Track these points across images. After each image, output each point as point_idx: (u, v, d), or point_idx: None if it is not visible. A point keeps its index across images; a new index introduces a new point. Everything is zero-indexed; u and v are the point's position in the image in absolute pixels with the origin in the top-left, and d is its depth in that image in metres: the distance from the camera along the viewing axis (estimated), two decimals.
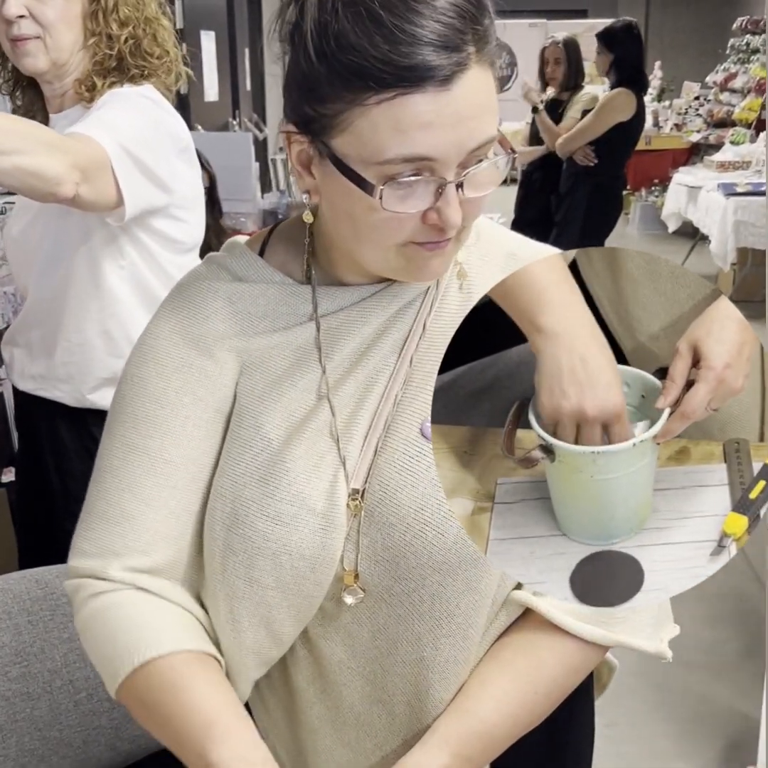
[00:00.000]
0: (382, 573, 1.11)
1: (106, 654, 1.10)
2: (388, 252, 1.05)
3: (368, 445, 1.11)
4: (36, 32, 1.87)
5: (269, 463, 1.10)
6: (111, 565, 1.12)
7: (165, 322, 1.18)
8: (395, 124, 0.96)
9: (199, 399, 1.14)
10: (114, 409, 1.19)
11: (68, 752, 1.51)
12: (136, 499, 1.13)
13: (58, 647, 1.52)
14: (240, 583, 1.10)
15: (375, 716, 1.18)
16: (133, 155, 1.77)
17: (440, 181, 0.99)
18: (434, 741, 1.10)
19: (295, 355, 1.14)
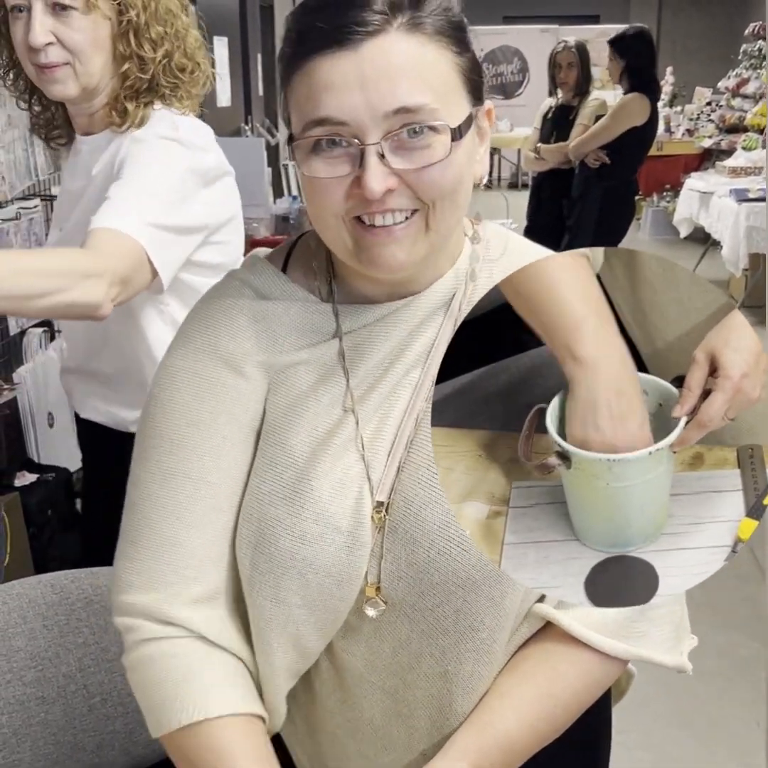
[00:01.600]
0: (405, 589, 1.10)
1: (156, 702, 1.10)
2: (339, 232, 1.05)
3: (392, 460, 1.11)
4: (65, 59, 1.76)
5: (294, 481, 1.10)
6: (165, 600, 1.11)
7: (191, 341, 1.17)
8: (307, 90, 1.01)
9: (235, 418, 1.14)
10: (145, 434, 1.17)
11: (82, 756, 1.51)
12: (182, 524, 1.12)
13: (72, 652, 1.52)
14: (267, 604, 1.10)
15: (394, 730, 1.18)
16: (163, 227, 1.68)
17: (360, 147, 1.00)
18: (454, 753, 1.10)
19: (319, 371, 1.14)
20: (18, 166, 3.60)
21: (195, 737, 1.07)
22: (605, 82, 7.17)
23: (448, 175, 1.03)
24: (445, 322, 1.14)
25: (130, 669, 1.14)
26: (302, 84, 1.01)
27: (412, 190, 1.02)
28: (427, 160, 1.01)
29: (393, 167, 1.00)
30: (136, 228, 1.61)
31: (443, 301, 1.15)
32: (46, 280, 1.48)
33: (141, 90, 1.82)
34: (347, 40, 0.98)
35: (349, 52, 0.98)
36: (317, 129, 1.00)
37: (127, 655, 1.14)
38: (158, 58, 1.81)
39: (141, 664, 1.12)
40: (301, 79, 1.01)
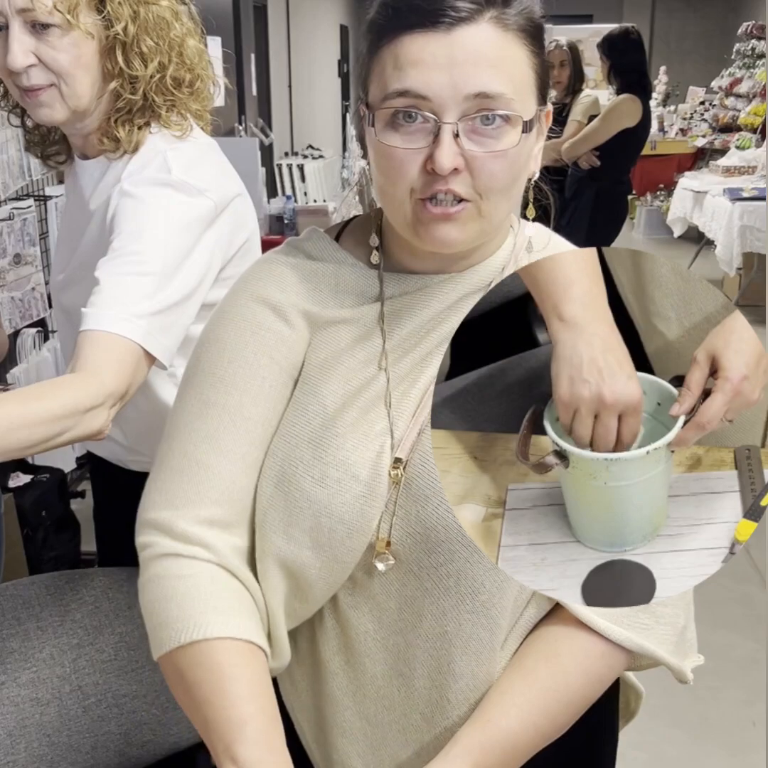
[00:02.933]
0: (413, 545, 1.14)
1: (160, 620, 1.11)
2: (402, 205, 1.10)
3: (416, 420, 1.15)
4: (49, 80, 1.62)
5: (321, 428, 1.15)
6: (183, 516, 1.14)
7: (242, 291, 1.22)
8: (395, 62, 1.06)
9: (275, 362, 1.18)
10: (190, 371, 1.22)
11: (77, 758, 1.51)
12: (213, 450, 1.16)
13: (67, 653, 1.52)
14: (277, 539, 1.14)
15: (395, 689, 1.20)
16: (159, 311, 1.55)
17: (437, 125, 1.04)
18: (456, 751, 1.10)
19: (359, 331, 1.19)
20: (11, 167, 3.59)
21: (193, 656, 1.08)
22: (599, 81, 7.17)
23: (511, 167, 1.08)
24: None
25: (141, 589, 1.15)
26: (390, 56, 1.06)
27: (472, 178, 1.07)
28: (496, 147, 1.06)
29: (465, 148, 1.05)
30: (130, 326, 1.50)
31: (484, 281, 1.19)
32: (45, 428, 1.41)
33: (134, 111, 1.69)
34: (441, 23, 1.03)
35: (442, 34, 1.03)
36: (399, 99, 1.05)
37: (140, 576, 1.16)
38: (149, 75, 1.67)
39: (150, 583, 1.14)
40: (390, 52, 1.06)
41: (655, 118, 10.05)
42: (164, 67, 1.68)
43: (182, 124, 1.72)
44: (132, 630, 1.55)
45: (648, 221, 10.58)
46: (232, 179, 1.75)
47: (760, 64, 10.54)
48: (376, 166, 1.11)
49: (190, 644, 1.08)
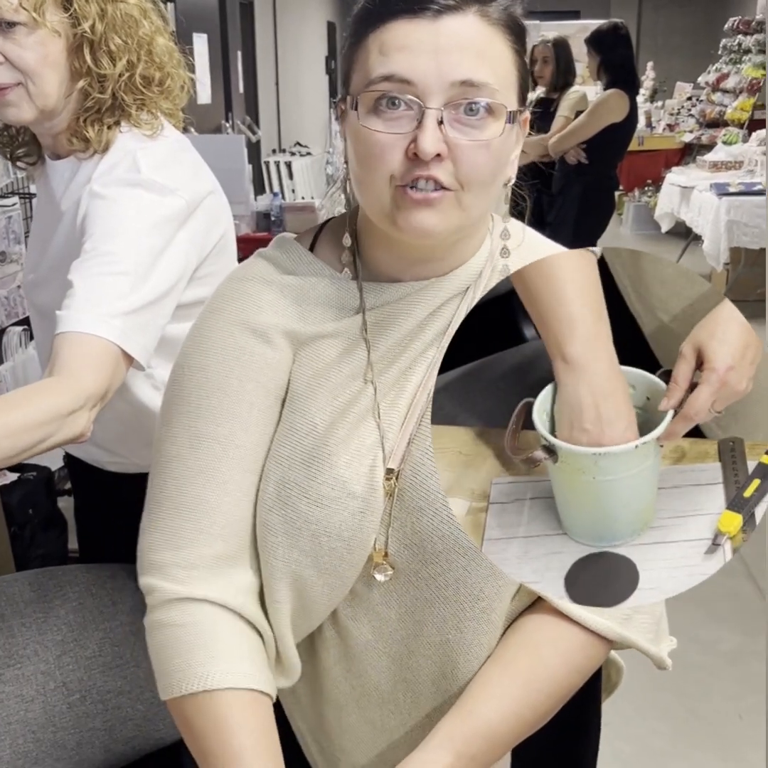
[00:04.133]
0: (410, 556, 1.14)
1: (164, 667, 1.13)
2: (381, 193, 1.08)
3: (405, 431, 1.15)
4: (16, 79, 1.61)
5: (313, 447, 1.14)
6: (185, 557, 1.14)
7: (219, 313, 1.20)
8: (380, 47, 1.06)
9: (262, 386, 1.17)
10: (172, 399, 1.20)
11: (62, 754, 1.51)
12: (209, 483, 1.15)
13: (51, 649, 1.51)
14: (278, 564, 1.14)
15: (400, 695, 1.21)
16: (134, 310, 1.53)
17: (421, 110, 1.04)
18: (437, 741, 1.11)
19: (343, 345, 1.18)
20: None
21: (196, 706, 1.09)
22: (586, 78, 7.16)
23: (491, 160, 1.08)
24: (461, 305, 1.18)
25: (147, 631, 1.16)
26: (376, 42, 1.06)
27: (455, 167, 1.06)
28: (480, 136, 1.06)
29: (449, 136, 1.05)
30: (105, 326, 1.49)
31: (463, 286, 1.19)
32: (28, 435, 1.40)
33: (103, 110, 1.68)
34: (428, 9, 1.04)
35: (428, 21, 1.04)
36: (383, 84, 1.05)
37: (148, 617, 1.16)
38: (118, 73, 1.66)
39: (153, 630, 1.15)
40: (376, 38, 1.06)
41: (643, 113, 10.05)
42: (133, 66, 1.67)
43: (153, 123, 1.71)
44: (116, 626, 1.55)
45: (636, 217, 10.60)
46: (204, 177, 1.74)
47: (746, 60, 10.55)
48: (355, 154, 1.10)
49: (192, 695, 1.09)
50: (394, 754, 1.22)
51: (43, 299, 1.77)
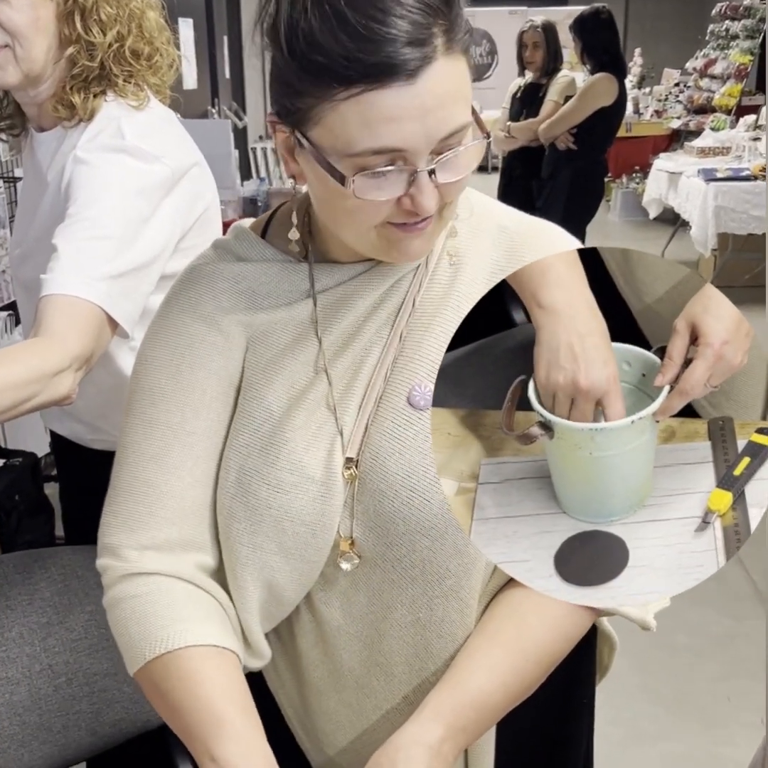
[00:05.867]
0: (375, 539, 1.14)
1: (131, 638, 1.13)
2: (368, 233, 1.07)
3: (362, 415, 1.15)
4: (3, 41, 1.61)
5: (270, 434, 1.14)
6: (138, 539, 1.15)
7: (173, 304, 1.21)
8: (362, 119, 0.98)
9: (213, 373, 1.18)
10: (131, 389, 1.22)
11: (48, 737, 1.50)
12: (161, 469, 1.17)
13: (36, 632, 1.51)
14: (244, 550, 1.14)
15: (374, 678, 1.21)
16: (119, 274, 1.53)
17: (412, 170, 1.01)
18: (427, 714, 1.10)
19: (296, 329, 1.18)
20: None
21: (161, 669, 1.09)
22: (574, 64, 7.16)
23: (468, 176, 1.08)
24: (414, 281, 1.18)
25: (109, 609, 1.17)
26: (352, 110, 0.98)
27: (442, 199, 1.05)
28: (466, 171, 1.05)
29: (440, 182, 1.03)
30: (90, 289, 1.49)
31: (414, 264, 1.18)
32: (13, 393, 1.40)
33: (90, 79, 1.67)
34: (410, 74, 0.97)
35: (405, 84, 0.97)
36: (373, 158, 0.99)
37: (105, 596, 1.18)
38: (108, 43, 1.65)
39: (111, 607, 1.16)
40: (352, 106, 0.98)
41: (630, 100, 10.04)
42: (123, 38, 1.67)
43: (138, 95, 1.70)
44: (101, 609, 1.50)
45: (624, 203, 10.61)
46: (189, 148, 1.74)
47: (734, 45, 10.56)
48: (335, 207, 1.07)
49: (156, 658, 1.09)
50: (373, 735, 1.22)
51: (28, 272, 1.76)
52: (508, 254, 1.19)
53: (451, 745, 1.09)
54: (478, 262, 1.18)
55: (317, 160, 1.03)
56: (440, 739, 1.08)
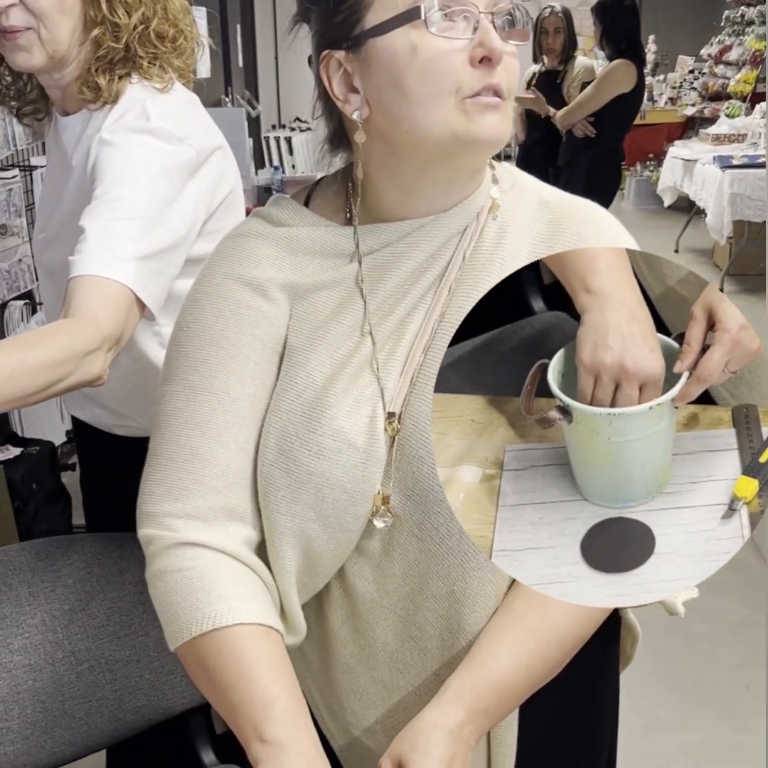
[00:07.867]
0: (413, 507, 1.15)
1: (176, 612, 1.12)
2: (446, 105, 1.07)
3: (404, 378, 1.15)
4: (28, 23, 1.60)
5: (313, 400, 1.15)
6: (183, 507, 1.14)
7: (217, 270, 1.21)
8: None
9: (258, 339, 1.18)
10: (171, 357, 1.22)
11: (71, 724, 1.50)
12: (205, 436, 1.16)
13: (59, 619, 1.51)
14: (282, 518, 1.14)
15: (407, 653, 1.21)
16: (146, 256, 1.53)
17: (475, 17, 1.05)
18: (448, 697, 1.10)
19: (341, 294, 1.18)
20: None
21: (209, 646, 1.09)
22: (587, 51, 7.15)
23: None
24: (458, 248, 1.18)
25: (149, 584, 1.17)
26: None
27: (505, 75, 1.08)
28: (519, 40, 1.10)
29: (501, 36, 1.07)
30: (120, 270, 1.49)
31: (462, 225, 1.18)
32: (46, 373, 1.39)
33: (115, 61, 1.66)
34: None
35: None
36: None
37: (148, 569, 1.17)
38: (133, 24, 1.65)
39: (155, 578, 1.15)
40: None
41: None
42: (148, 20, 1.67)
43: (163, 77, 1.70)
44: (124, 596, 1.54)
45: (637, 191, 10.56)
46: (213, 132, 1.74)
47: (749, 31, 10.49)
48: (408, 84, 1.08)
49: (203, 635, 1.09)
50: (405, 714, 1.21)
51: (51, 257, 1.76)
52: (549, 227, 1.19)
53: (472, 728, 1.09)
54: (521, 231, 1.19)
55: (383, 29, 1.07)
56: (461, 722, 1.08)
